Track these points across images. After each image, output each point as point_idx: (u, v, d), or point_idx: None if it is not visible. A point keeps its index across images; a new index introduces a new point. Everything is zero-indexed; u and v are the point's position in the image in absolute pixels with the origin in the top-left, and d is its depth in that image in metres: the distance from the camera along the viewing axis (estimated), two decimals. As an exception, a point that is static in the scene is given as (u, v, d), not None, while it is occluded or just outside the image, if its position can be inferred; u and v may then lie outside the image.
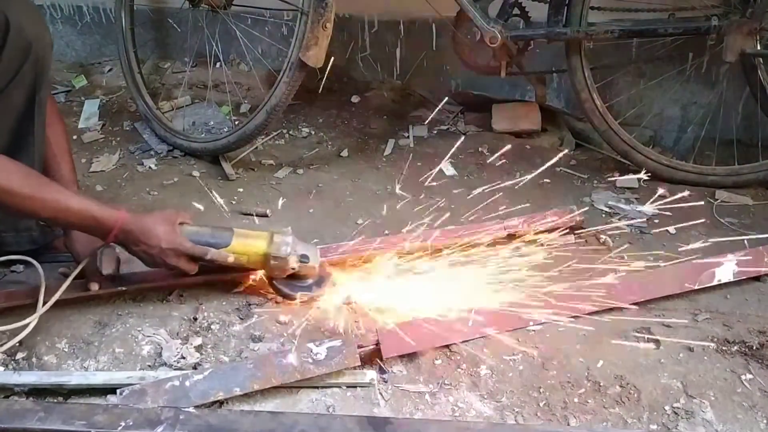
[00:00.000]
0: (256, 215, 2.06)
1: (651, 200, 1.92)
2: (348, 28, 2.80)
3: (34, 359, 1.54)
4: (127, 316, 1.64)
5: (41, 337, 1.58)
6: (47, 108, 1.71)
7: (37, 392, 1.46)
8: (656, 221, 2.02)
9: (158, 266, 1.61)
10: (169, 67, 2.98)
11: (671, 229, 2.00)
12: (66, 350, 1.57)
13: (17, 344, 1.57)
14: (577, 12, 2.17)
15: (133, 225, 1.55)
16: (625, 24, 2.18)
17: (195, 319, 1.63)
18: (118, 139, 2.56)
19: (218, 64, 2.82)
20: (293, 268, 1.64)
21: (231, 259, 1.62)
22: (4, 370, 1.51)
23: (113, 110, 2.76)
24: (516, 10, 2.27)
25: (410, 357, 1.50)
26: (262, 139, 2.52)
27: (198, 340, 1.58)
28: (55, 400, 1.45)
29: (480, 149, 2.43)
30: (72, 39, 3.12)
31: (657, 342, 1.55)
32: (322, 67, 2.13)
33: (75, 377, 1.46)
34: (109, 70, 3.02)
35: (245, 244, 1.63)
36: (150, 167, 2.37)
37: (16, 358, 1.55)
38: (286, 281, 1.67)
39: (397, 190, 2.19)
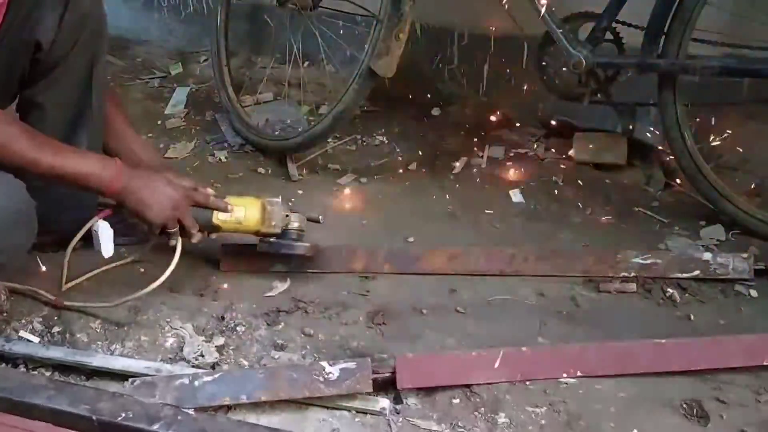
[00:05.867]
0: (309, 220, 2.03)
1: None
2: (437, 39, 2.73)
3: (67, 335, 1.59)
4: (160, 305, 1.66)
5: (77, 314, 1.63)
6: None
7: (63, 368, 1.50)
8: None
9: (159, 223, 1.55)
10: (260, 61, 3.03)
11: (753, 291, 1.80)
12: (98, 330, 1.60)
13: (55, 318, 1.63)
14: (676, 42, 1.99)
15: (135, 168, 1.59)
16: (729, 61, 1.98)
17: (223, 318, 1.63)
18: (198, 128, 2.62)
19: (306, 63, 2.83)
20: (287, 216, 1.69)
21: (230, 208, 1.63)
22: (39, 341, 1.57)
23: (200, 99, 2.82)
24: (608, 35, 2.12)
25: (427, 391, 1.42)
26: (335, 142, 2.50)
27: (221, 340, 1.57)
28: (80, 378, 1.49)
29: (554, 178, 2.29)
30: (174, 27, 3.24)
31: (706, 418, 1.38)
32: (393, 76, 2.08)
33: (97, 359, 1.49)
34: (205, 60, 3.10)
35: (238, 196, 1.70)
36: (220, 159, 2.41)
37: (52, 331, 1.60)
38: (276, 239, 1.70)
39: (457, 212, 2.11)
